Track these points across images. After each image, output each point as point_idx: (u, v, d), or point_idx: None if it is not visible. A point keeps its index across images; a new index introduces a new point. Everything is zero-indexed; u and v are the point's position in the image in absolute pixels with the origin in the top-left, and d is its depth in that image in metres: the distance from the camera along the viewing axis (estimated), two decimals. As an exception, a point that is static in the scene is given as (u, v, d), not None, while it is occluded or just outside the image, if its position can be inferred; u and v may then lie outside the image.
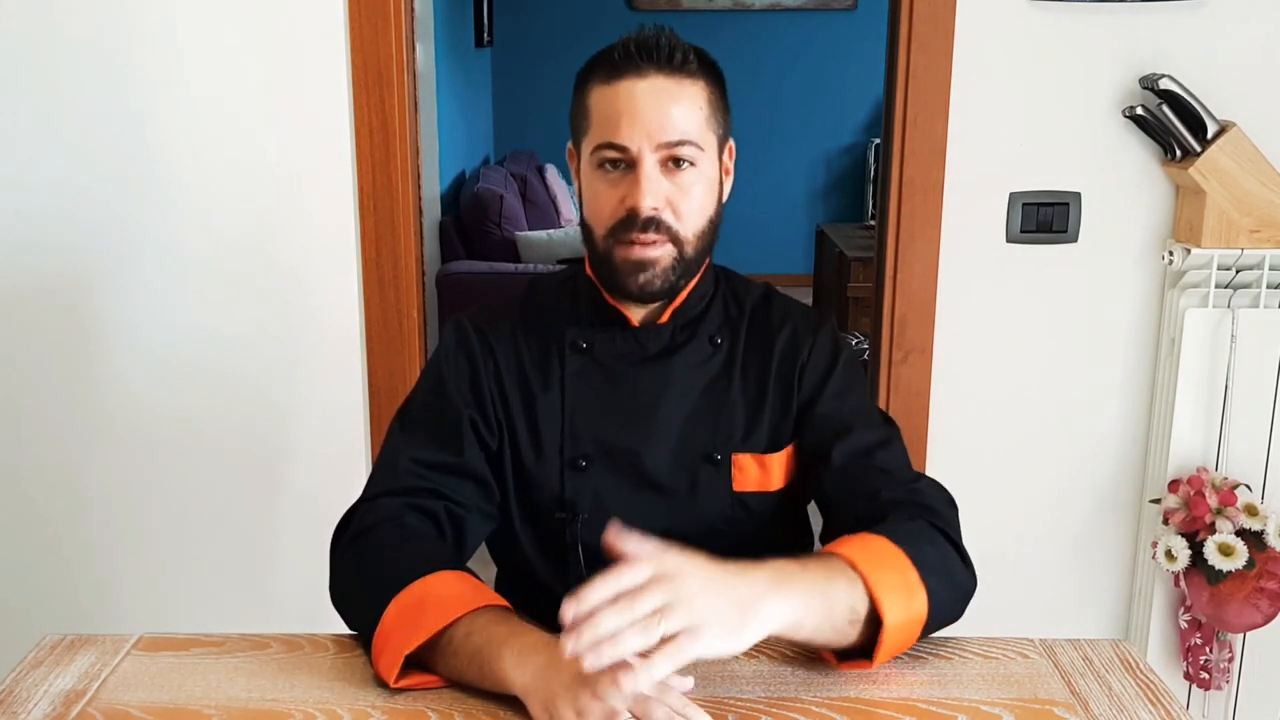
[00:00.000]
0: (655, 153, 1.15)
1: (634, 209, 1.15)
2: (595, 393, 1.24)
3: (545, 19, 6.20)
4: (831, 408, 1.25)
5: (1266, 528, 1.88)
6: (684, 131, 1.15)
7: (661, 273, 1.18)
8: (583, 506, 1.23)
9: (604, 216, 1.18)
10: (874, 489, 1.17)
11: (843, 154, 6.43)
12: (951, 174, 1.96)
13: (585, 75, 1.21)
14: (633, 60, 1.16)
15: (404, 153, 1.95)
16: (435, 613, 1.00)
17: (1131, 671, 1.04)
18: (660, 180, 1.16)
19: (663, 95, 1.15)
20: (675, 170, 1.16)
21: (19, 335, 2.02)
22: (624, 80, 1.16)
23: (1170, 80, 1.86)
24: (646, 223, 1.15)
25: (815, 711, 0.96)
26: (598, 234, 1.20)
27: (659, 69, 1.16)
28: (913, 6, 1.91)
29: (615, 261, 1.18)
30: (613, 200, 1.17)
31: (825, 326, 1.30)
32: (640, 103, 1.15)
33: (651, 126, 1.14)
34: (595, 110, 1.18)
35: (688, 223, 1.18)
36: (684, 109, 1.16)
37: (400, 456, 1.20)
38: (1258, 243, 1.90)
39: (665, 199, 1.16)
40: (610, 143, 1.16)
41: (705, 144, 1.18)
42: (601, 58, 1.19)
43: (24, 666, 1.04)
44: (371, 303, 1.99)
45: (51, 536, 2.09)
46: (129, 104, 1.93)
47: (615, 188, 1.17)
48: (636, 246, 1.17)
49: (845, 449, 1.21)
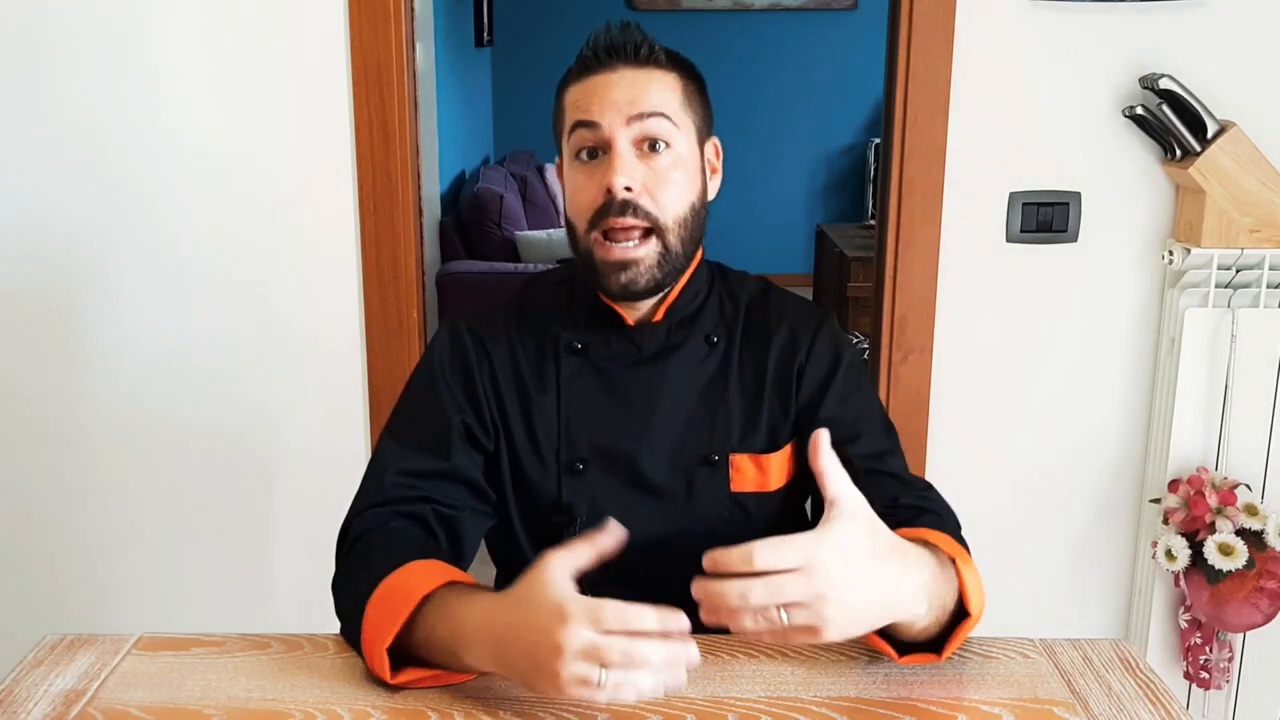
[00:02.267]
0: (628, 128, 1.15)
1: (609, 189, 1.14)
2: (591, 396, 1.24)
3: (545, 19, 6.20)
4: (838, 410, 1.24)
5: (1266, 527, 1.88)
6: (655, 104, 1.16)
7: (645, 271, 1.17)
8: (580, 510, 1.23)
9: (583, 208, 1.18)
10: (892, 495, 1.17)
11: (843, 154, 6.43)
12: (951, 174, 1.96)
13: (561, 83, 1.23)
14: (601, 59, 1.18)
15: (404, 153, 1.95)
16: (402, 601, 0.99)
17: (1131, 671, 1.04)
18: (635, 162, 1.16)
19: (632, 80, 1.17)
20: (651, 154, 1.16)
21: (18, 335, 2.02)
22: (595, 75, 1.18)
23: (1170, 80, 1.86)
24: (623, 205, 1.14)
25: (815, 711, 0.96)
26: (579, 230, 1.19)
27: (626, 63, 1.18)
28: (913, 6, 1.91)
29: (596, 262, 1.18)
30: (590, 188, 1.17)
31: (825, 324, 1.29)
32: (611, 88, 1.16)
33: (621, 102, 1.15)
34: (568, 105, 1.20)
35: (666, 209, 1.16)
36: (654, 89, 1.17)
37: (386, 470, 1.19)
38: (1258, 242, 1.90)
39: (641, 182, 1.15)
40: (580, 120, 1.17)
41: (680, 123, 1.18)
42: (574, 62, 1.21)
43: (24, 666, 1.04)
44: (371, 303, 1.99)
45: (51, 536, 2.09)
46: (128, 104, 1.93)
47: (592, 176, 1.17)
48: (618, 245, 1.16)
49: (857, 453, 1.20)
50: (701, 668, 1.02)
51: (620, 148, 1.15)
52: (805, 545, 0.86)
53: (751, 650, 1.06)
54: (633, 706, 0.96)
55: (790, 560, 0.85)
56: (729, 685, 1.01)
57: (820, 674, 1.03)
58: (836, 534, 0.89)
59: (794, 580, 0.85)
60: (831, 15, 6.22)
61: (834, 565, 0.87)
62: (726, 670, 1.03)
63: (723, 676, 1.02)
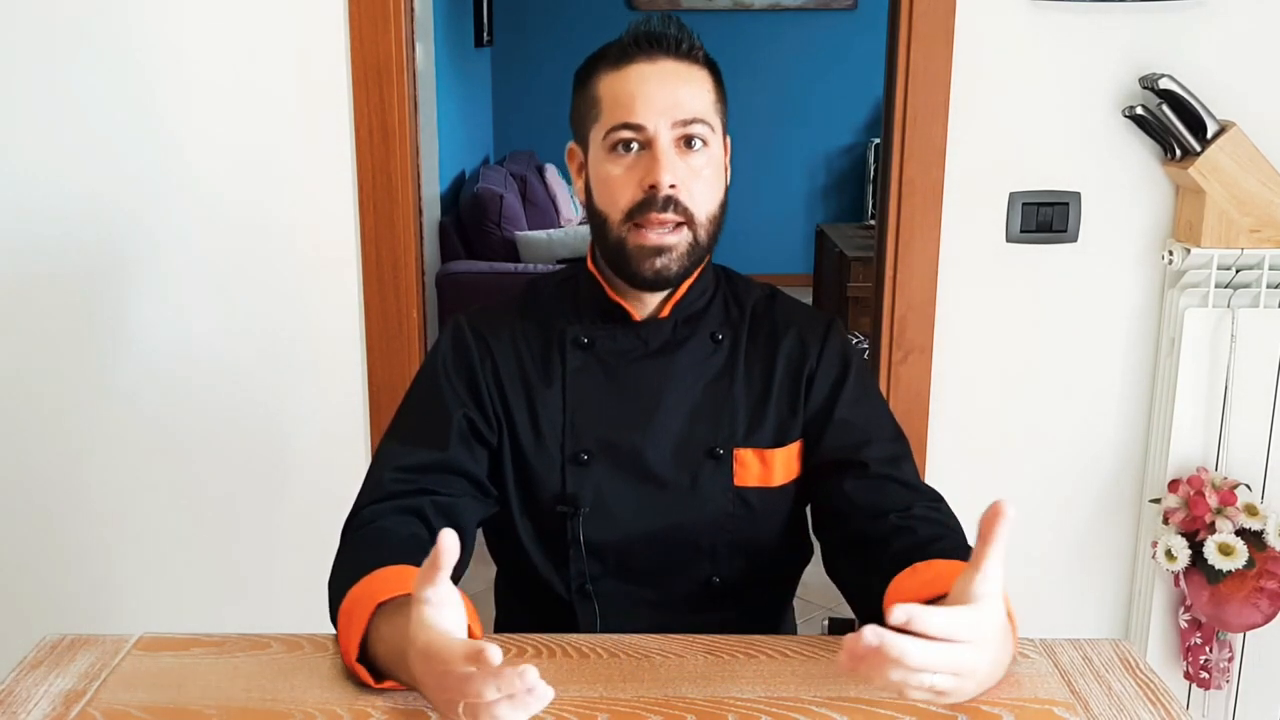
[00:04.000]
0: (671, 131, 1.16)
1: (654, 186, 1.15)
2: (596, 389, 1.24)
3: (545, 19, 6.20)
4: (848, 414, 1.25)
5: (1266, 527, 1.88)
6: (697, 110, 1.17)
7: (678, 258, 1.18)
8: (584, 501, 1.23)
9: (620, 200, 1.18)
10: (906, 503, 1.18)
11: (843, 154, 6.43)
12: (951, 174, 1.96)
13: (589, 68, 1.22)
14: (642, 46, 1.18)
15: (404, 153, 1.95)
16: (359, 615, 0.98)
17: (1131, 671, 1.04)
18: (677, 160, 1.17)
19: (674, 77, 1.18)
20: (688, 151, 1.17)
21: (18, 335, 2.02)
22: (635, 64, 1.18)
23: (1170, 80, 1.86)
24: (666, 201, 1.16)
25: (815, 711, 0.96)
26: (613, 220, 1.19)
27: (667, 54, 1.18)
28: (913, 6, 1.91)
29: (629, 248, 1.18)
30: (630, 182, 1.17)
31: (833, 330, 1.30)
32: (652, 84, 1.17)
33: (667, 104, 1.16)
34: (606, 96, 1.19)
35: (701, 205, 1.18)
36: (694, 90, 1.18)
37: (385, 468, 1.20)
38: (1258, 243, 1.90)
39: (681, 180, 1.17)
40: (626, 123, 1.16)
41: (714, 125, 1.20)
42: (608, 48, 1.21)
43: (24, 666, 1.04)
44: (371, 303, 1.99)
45: (52, 536, 2.09)
46: (129, 104, 1.93)
47: (631, 170, 1.17)
48: (653, 232, 1.17)
49: (870, 457, 1.21)
50: (702, 667, 1.02)
51: (664, 146, 1.16)
52: (974, 619, 0.87)
53: (751, 650, 1.06)
54: (633, 706, 0.96)
55: (962, 633, 0.85)
56: (729, 685, 1.00)
57: (820, 674, 1.03)
58: (991, 611, 0.89)
59: (960, 651, 0.85)
60: (831, 15, 6.22)
61: (989, 642, 0.89)
62: (726, 670, 1.03)
63: (723, 676, 1.02)
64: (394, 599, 0.97)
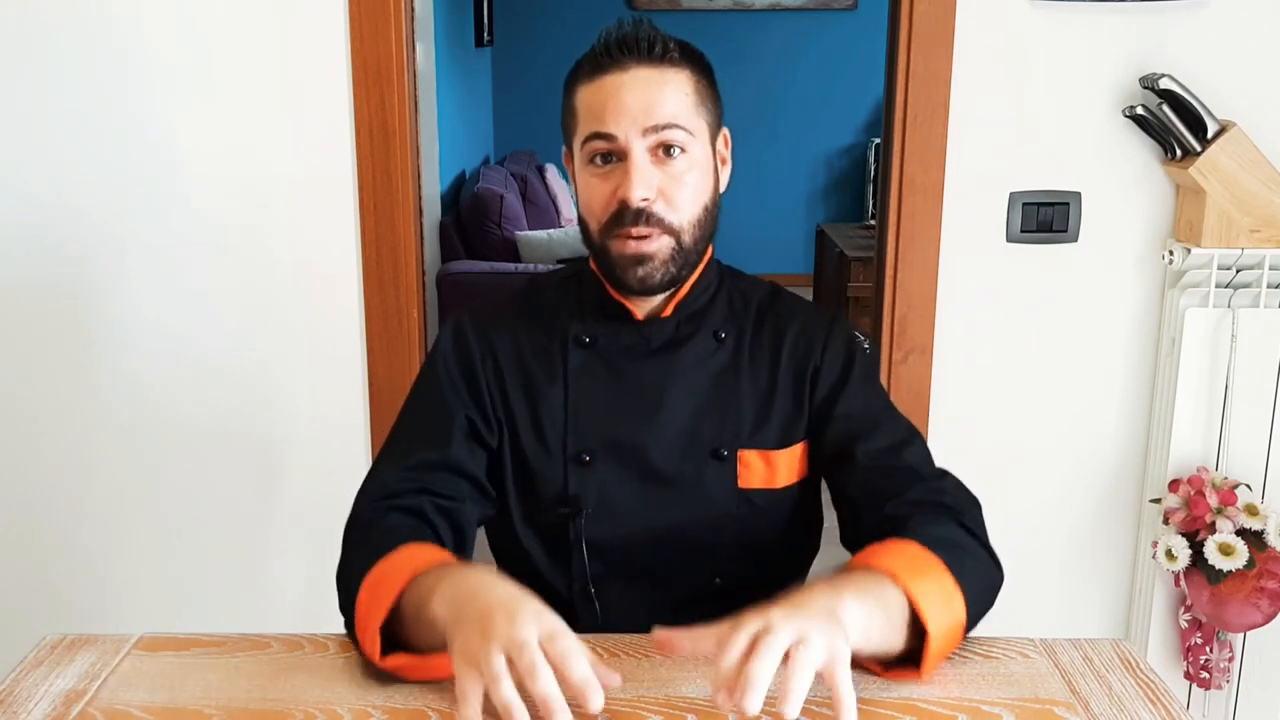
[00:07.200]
0: (644, 138, 1.15)
1: (624, 200, 1.15)
2: (599, 387, 1.24)
3: (545, 19, 6.21)
4: (852, 407, 1.24)
5: (1266, 527, 1.88)
6: (671, 115, 1.15)
7: (660, 265, 1.17)
8: (587, 501, 1.23)
9: (597, 211, 1.18)
10: (900, 488, 1.17)
11: (843, 154, 6.43)
12: (951, 174, 1.97)
13: (570, 78, 1.21)
14: (614, 54, 1.16)
15: (404, 153, 1.95)
16: (395, 579, 1.00)
17: (1132, 671, 1.04)
18: (651, 170, 1.15)
19: (646, 84, 1.15)
20: (666, 159, 1.16)
21: (18, 335, 2.02)
22: (608, 75, 1.16)
23: (1170, 80, 1.86)
24: (638, 214, 1.15)
25: (815, 711, 0.96)
26: (593, 229, 1.20)
27: (640, 60, 1.16)
28: (913, 6, 1.91)
29: (612, 256, 1.18)
30: (604, 194, 1.17)
31: (838, 325, 1.29)
32: (625, 92, 1.15)
33: (636, 112, 1.14)
34: (581, 107, 1.18)
35: (682, 212, 1.17)
36: (669, 94, 1.16)
37: (385, 467, 1.20)
38: (1258, 242, 1.90)
39: (657, 189, 1.15)
40: (596, 132, 1.16)
41: (694, 129, 1.17)
42: (585, 57, 1.20)
43: (24, 666, 1.04)
44: (371, 303, 1.99)
45: (52, 536, 2.10)
46: (129, 103, 1.93)
47: (606, 181, 1.17)
48: (631, 240, 1.16)
49: (869, 448, 1.21)
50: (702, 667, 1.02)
51: (636, 158, 1.15)
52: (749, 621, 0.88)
53: (752, 650, 1.06)
54: (633, 706, 0.96)
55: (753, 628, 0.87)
56: (729, 685, 1.00)
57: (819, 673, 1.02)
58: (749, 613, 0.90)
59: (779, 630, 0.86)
60: (831, 15, 6.22)
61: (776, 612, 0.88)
62: (727, 670, 1.03)
63: (723, 676, 1.02)
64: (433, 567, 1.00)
